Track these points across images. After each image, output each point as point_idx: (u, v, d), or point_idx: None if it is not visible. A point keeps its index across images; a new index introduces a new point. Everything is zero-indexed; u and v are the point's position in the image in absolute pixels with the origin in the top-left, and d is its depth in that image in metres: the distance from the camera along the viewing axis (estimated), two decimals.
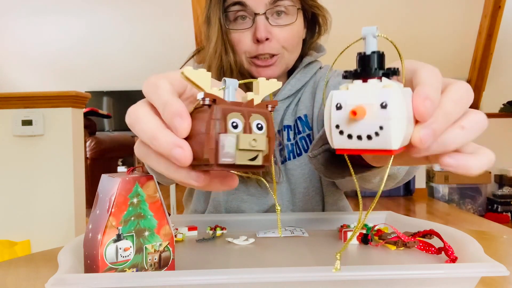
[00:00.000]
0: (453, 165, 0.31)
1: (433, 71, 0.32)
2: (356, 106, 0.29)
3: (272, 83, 0.35)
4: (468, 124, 0.32)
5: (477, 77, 4.34)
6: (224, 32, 0.77)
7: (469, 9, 4.03)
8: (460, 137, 0.31)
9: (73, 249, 0.46)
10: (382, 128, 0.29)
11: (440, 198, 4.23)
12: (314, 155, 0.56)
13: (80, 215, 1.99)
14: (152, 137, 0.31)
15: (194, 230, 0.64)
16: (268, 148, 0.31)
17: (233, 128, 0.30)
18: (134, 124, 0.33)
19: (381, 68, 0.31)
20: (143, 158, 0.34)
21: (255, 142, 0.30)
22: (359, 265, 0.38)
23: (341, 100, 0.31)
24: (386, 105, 0.29)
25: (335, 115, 0.31)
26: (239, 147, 0.30)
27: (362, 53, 0.32)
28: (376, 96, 0.29)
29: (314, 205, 0.84)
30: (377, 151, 0.30)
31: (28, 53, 4.80)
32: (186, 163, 0.30)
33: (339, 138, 0.31)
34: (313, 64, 0.86)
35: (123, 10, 4.40)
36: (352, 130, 0.30)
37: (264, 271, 0.37)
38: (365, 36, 0.32)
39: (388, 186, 0.67)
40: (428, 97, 0.30)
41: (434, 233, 0.51)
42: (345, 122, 0.30)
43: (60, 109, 1.91)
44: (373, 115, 0.29)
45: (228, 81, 0.32)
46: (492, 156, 0.33)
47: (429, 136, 0.30)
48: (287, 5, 0.76)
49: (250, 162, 0.30)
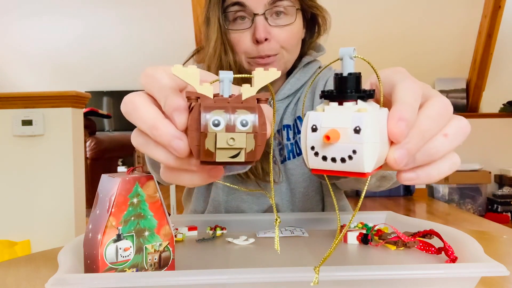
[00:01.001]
0: (413, 177, 0.31)
1: (411, 87, 0.32)
2: (329, 130, 0.30)
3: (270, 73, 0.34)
4: (451, 132, 0.32)
5: (477, 77, 4.34)
6: (224, 33, 0.77)
7: (469, 9, 4.03)
8: (444, 145, 0.31)
9: (73, 249, 0.46)
10: (355, 152, 0.29)
11: (440, 198, 4.23)
12: None
13: (80, 215, 1.99)
14: (152, 126, 0.32)
15: (194, 230, 0.64)
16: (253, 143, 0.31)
17: (214, 126, 0.30)
18: (131, 112, 0.34)
19: (357, 90, 0.32)
20: (141, 147, 0.34)
21: (232, 141, 0.30)
22: (359, 265, 0.38)
23: (316, 122, 0.31)
24: (359, 130, 0.29)
25: (310, 137, 0.31)
26: (217, 146, 0.30)
27: (340, 74, 0.32)
28: (350, 120, 0.30)
29: (314, 205, 0.84)
30: (351, 173, 0.30)
31: (28, 53, 4.80)
32: (184, 154, 0.31)
33: (314, 160, 0.31)
34: (313, 64, 0.86)
35: (123, 10, 4.40)
36: (326, 153, 0.31)
37: (264, 271, 0.37)
38: (342, 57, 0.32)
39: (385, 186, 0.67)
40: (402, 118, 0.30)
41: (434, 233, 0.51)
42: (320, 144, 0.31)
43: (60, 109, 1.91)
44: (347, 139, 0.30)
45: (222, 74, 0.32)
46: (454, 161, 0.33)
47: (404, 157, 0.30)
48: (286, 5, 0.76)
49: (231, 159, 0.31)
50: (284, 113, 0.84)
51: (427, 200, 4.30)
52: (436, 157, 0.31)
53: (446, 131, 0.32)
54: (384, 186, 0.67)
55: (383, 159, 0.31)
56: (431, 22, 4.08)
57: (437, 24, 4.09)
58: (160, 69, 0.35)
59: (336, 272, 0.37)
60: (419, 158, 0.31)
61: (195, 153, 0.31)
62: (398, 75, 0.34)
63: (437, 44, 4.18)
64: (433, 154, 0.31)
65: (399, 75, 0.33)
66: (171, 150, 0.32)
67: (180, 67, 0.32)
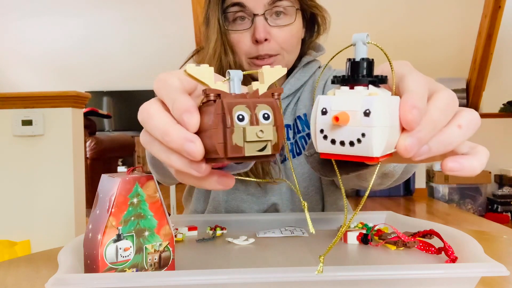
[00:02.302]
0: (457, 168, 0.32)
1: (420, 79, 0.32)
2: (339, 112, 0.30)
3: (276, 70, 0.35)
4: (464, 123, 0.32)
5: (477, 77, 4.34)
6: (223, 33, 0.77)
7: (469, 9, 4.03)
8: (458, 136, 0.32)
9: (73, 249, 0.46)
10: (364, 136, 0.30)
11: (440, 198, 4.23)
12: (311, 154, 0.56)
13: (80, 215, 1.99)
14: (164, 132, 0.32)
15: (194, 230, 0.64)
16: (276, 136, 0.31)
17: (239, 121, 0.30)
18: (146, 121, 0.34)
19: (369, 75, 0.32)
20: (156, 154, 0.34)
21: (262, 133, 0.30)
22: (359, 265, 0.38)
23: (326, 105, 0.31)
24: (369, 113, 0.29)
25: (320, 120, 0.31)
26: (246, 139, 0.30)
27: (352, 59, 0.32)
28: (360, 103, 0.30)
29: (314, 205, 0.84)
30: (360, 157, 0.30)
31: (28, 53, 4.80)
32: (198, 157, 0.31)
33: (323, 143, 0.31)
34: (312, 64, 0.86)
35: (123, 10, 4.39)
36: (335, 136, 0.31)
37: (264, 271, 0.37)
38: (355, 43, 0.32)
39: (386, 184, 0.67)
40: (416, 106, 0.30)
41: (434, 233, 0.51)
42: (329, 127, 0.31)
43: (60, 109, 1.91)
44: (356, 122, 0.30)
45: (232, 72, 0.33)
46: (487, 151, 0.34)
47: (415, 145, 0.30)
48: (285, 5, 0.76)
49: (259, 152, 0.31)
50: (284, 112, 0.84)
51: (427, 200, 4.30)
52: (449, 148, 0.32)
53: (460, 122, 0.32)
54: (385, 184, 0.67)
55: (392, 146, 0.31)
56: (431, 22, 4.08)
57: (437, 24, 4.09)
58: (171, 74, 0.35)
59: (336, 272, 0.37)
60: (434, 149, 0.32)
61: (220, 150, 0.30)
62: (405, 67, 0.34)
63: (437, 44, 4.19)
64: (448, 145, 0.32)
65: (406, 67, 0.34)
66: (185, 154, 0.31)
67: (193, 66, 0.32)
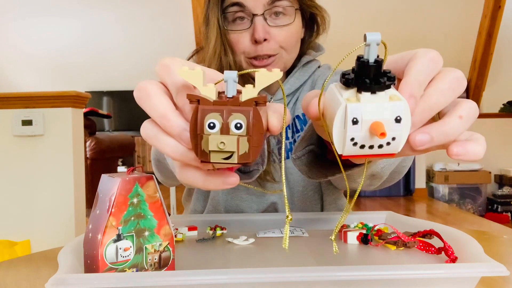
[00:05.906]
0: (462, 153, 0.33)
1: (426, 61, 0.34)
2: (374, 123, 0.31)
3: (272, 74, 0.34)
4: (465, 114, 0.33)
5: (477, 77, 4.34)
6: (223, 33, 0.77)
7: (469, 9, 4.03)
8: (460, 126, 0.33)
9: (73, 249, 0.46)
10: (395, 139, 0.31)
11: (440, 198, 4.23)
12: (298, 157, 0.55)
13: (80, 215, 1.99)
14: (163, 116, 0.33)
15: (194, 230, 0.64)
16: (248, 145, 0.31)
17: (210, 129, 0.31)
18: (144, 99, 0.35)
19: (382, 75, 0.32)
20: (150, 139, 0.35)
21: (223, 145, 0.31)
22: (359, 265, 0.38)
23: (357, 115, 0.31)
24: (400, 119, 0.31)
25: (351, 129, 0.32)
26: (209, 148, 0.31)
27: (366, 61, 0.32)
28: (390, 110, 0.31)
29: (313, 204, 0.84)
30: (381, 155, 0.32)
31: (28, 53, 4.80)
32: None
33: (351, 148, 0.32)
34: (312, 63, 0.86)
35: (123, 10, 4.40)
36: (367, 142, 0.32)
37: (264, 271, 0.37)
38: (370, 43, 0.32)
39: (375, 185, 0.67)
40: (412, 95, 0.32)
41: (434, 233, 0.51)
42: (362, 136, 0.31)
43: (60, 109, 1.91)
44: (389, 128, 0.31)
45: (226, 74, 0.33)
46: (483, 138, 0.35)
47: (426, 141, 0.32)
48: (285, 5, 0.76)
49: (224, 160, 0.31)
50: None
51: (427, 200, 4.30)
52: (451, 138, 0.33)
53: (461, 113, 0.33)
54: (374, 185, 0.67)
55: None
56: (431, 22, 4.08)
57: (437, 24, 4.09)
58: (177, 61, 0.36)
59: (336, 272, 0.37)
60: (437, 139, 0.33)
61: (196, 153, 0.32)
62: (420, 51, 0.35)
63: (437, 44, 4.18)
64: (450, 135, 0.33)
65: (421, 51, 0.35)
66: (180, 141, 0.33)
67: (186, 70, 0.32)
